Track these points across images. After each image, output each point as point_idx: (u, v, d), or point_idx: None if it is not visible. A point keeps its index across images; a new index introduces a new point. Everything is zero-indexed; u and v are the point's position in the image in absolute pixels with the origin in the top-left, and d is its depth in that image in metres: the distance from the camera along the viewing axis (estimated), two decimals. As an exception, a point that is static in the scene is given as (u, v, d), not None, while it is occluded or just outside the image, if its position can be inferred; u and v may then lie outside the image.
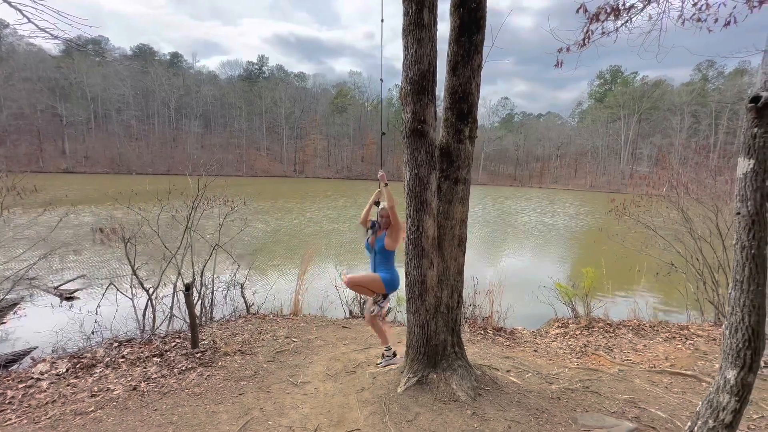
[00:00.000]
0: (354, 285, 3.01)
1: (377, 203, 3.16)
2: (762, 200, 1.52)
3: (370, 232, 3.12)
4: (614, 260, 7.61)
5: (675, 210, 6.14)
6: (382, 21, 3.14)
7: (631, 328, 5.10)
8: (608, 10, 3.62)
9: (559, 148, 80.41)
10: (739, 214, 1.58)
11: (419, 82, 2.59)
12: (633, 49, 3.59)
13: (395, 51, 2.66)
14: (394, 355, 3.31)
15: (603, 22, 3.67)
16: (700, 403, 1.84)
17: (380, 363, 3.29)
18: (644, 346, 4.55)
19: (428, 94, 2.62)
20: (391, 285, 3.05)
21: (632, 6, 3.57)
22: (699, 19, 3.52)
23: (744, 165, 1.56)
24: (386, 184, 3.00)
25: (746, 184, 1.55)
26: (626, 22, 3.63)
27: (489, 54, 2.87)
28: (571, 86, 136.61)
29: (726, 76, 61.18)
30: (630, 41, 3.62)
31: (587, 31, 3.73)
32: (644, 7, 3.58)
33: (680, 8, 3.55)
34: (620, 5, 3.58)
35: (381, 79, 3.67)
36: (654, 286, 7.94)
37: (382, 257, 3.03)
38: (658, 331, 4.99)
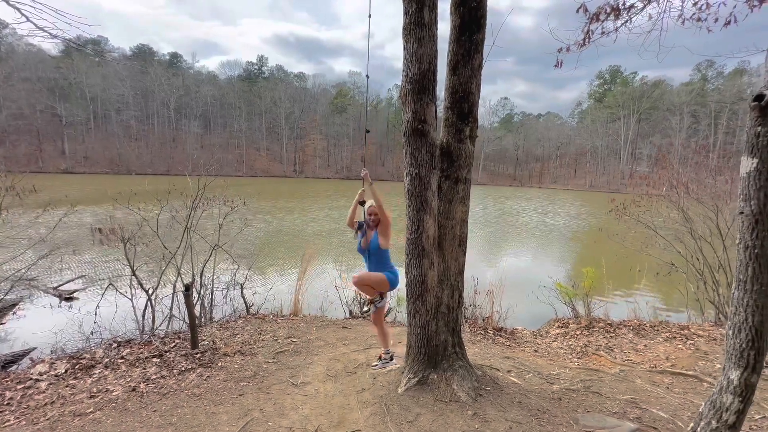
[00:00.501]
0: (361, 284, 3.01)
1: (362, 203, 3.15)
2: (766, 199, 1.51)
3: (359, 233, 3.13)
4: (614, 260, 7.60)
5: (675, 210, 6.13)
6: (369, 17, 3.16)
7: (631, 328, 5.09)
8: (608, 10, 3.61)
9: (559, 148, 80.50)
10: (742, 213, 1.57)
11: (420, 81, 2.58)
12: (633, 48, 3.59)
13: (395, 51, 2.67)
14: (391, 358, 3.31)
15: (603, 22, 3.66)
16: (703, 403, 1.83)
17: (376, 365, 3.29)
18: (645, 346, 4.54)
19: (429, 93, 2.61)
20: (394, 283, 3.10)
21: (632, 6, 3.56)
22: (699, 19, 3.52)
23: (747, 164, 1.55)
24: (371, 183, 3.00)
25: (750, 183, 1.54)
26: (626, 21, 3.62)
27: (489, 53, 2.86)
28: (570, 86, 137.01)
29: (725, 76, 61.29)
30: (630, 41, 3.62)
31: (587, 31, 3.73)
32: (644, 6, 3.57)
33: (680, 8, 3.54)
34: (620, 5, 3.57)
35: (367, 76, 3.68)
36: (654, 286, 7.93)
37: (378, 257, 3.06)
38: (658, 331, 4.98)
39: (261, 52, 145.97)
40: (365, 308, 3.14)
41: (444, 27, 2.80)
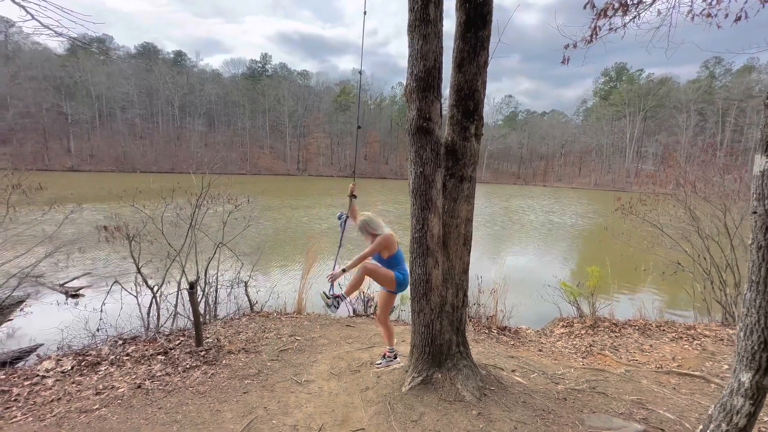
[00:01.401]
0: (370, 273, 2.99)
1: (354, 196, 3.37)
2: (779, 199, 1.48)
3: (342, 224, 3.35)
4: (620, 259, 7.55)
5: (682, 208, 6.07)
6: (365, 13, 3.16)
7: (637, 327, 5.04)
8: (616, 6, 3.56)
9: (563, 146, 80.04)
10: (755, 213, 1.53)
11: (425, 78, 2.55)
12: (641, 45, 3.54)
13: (400, 48, 2.64)
14: (395, 357, 3.31)
15: (611, 18, 3.61)
16: (713, 406, 1.80)
17: (380, 363, 3.29)
18: (650, 346, 4.50)
19: (434, 90, 2.59)
20: (402, 284, 3.07)
21: (641, 1, 3.51)
22: (709, 15, 3.46)
23: (761, 162, 1.52)
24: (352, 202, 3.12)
25: (763, 182, 1.51)
26: (634, 17, 3.57)
27: (495, 51, 2.82)
28: (575, 84, 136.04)
29: (734, 73, 60.44)
30: (638, 37, 3.57)
31: (594, 27, 3.68)
32: (653, 2, 3.52)
33: (690, 3, 3.49)
34: (629, 0, 3.52)
35: (360, 72, 3.68)
36: (660, 286, 7.86)
37: (385, 263, 3.06)
38: (664, 330, 4.93)
39: (264, 50, 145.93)
40: (327, 299, 3.01)
41: (449, 24, 2.77)
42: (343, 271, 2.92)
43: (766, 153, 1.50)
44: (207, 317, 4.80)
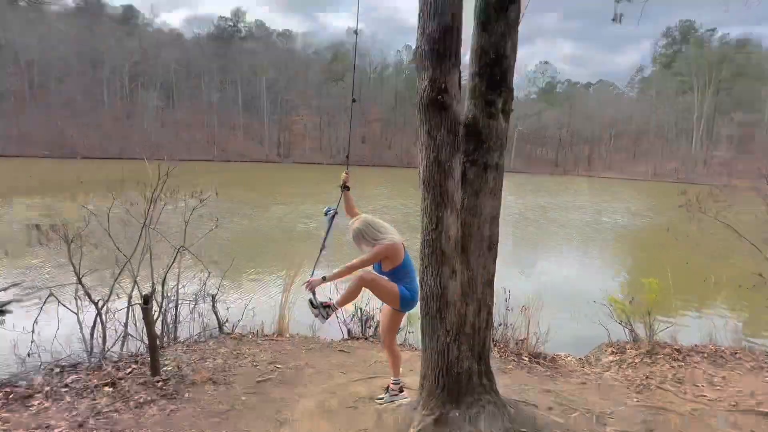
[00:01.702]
0: (367, 284, 3.00)
1: (347, 188, 3.44)
2: None
3: (329, 221, 3.43)
4: (685, 269, 7.54)
5: (765, 206, 6.04)
6: None
7: (705, 355, 5.05)
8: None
9: (614, 126, 79.77)
10: None
11: (440, 40, 2.54)
12: (714, -3, 3.51)
13: (408, 2, 2.62)
14: (401, 390, 3.32)
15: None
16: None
17: (382, 398, 3.31)
18: (723, 378, 4.50)
19: (451, 55, 2.58)
20: (407, 303, 3.08)
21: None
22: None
23: None
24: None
25: None
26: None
27: (528, 5, 2.83)
28: (629, 48, 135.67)
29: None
30: (710, -14, 3.55)
31: (655, -25, 3.67)
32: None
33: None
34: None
35: (356, 32, 3.70)
36: (736, 303, 7.85)
37: (386, 275, 3.08)
38: (740, 359, 4.94)
39: (236, 4, 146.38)
40: (314, 308, 2.98)
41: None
42: (323, 279, 2.93)
43: None
44: (165, 340, 4.83)
